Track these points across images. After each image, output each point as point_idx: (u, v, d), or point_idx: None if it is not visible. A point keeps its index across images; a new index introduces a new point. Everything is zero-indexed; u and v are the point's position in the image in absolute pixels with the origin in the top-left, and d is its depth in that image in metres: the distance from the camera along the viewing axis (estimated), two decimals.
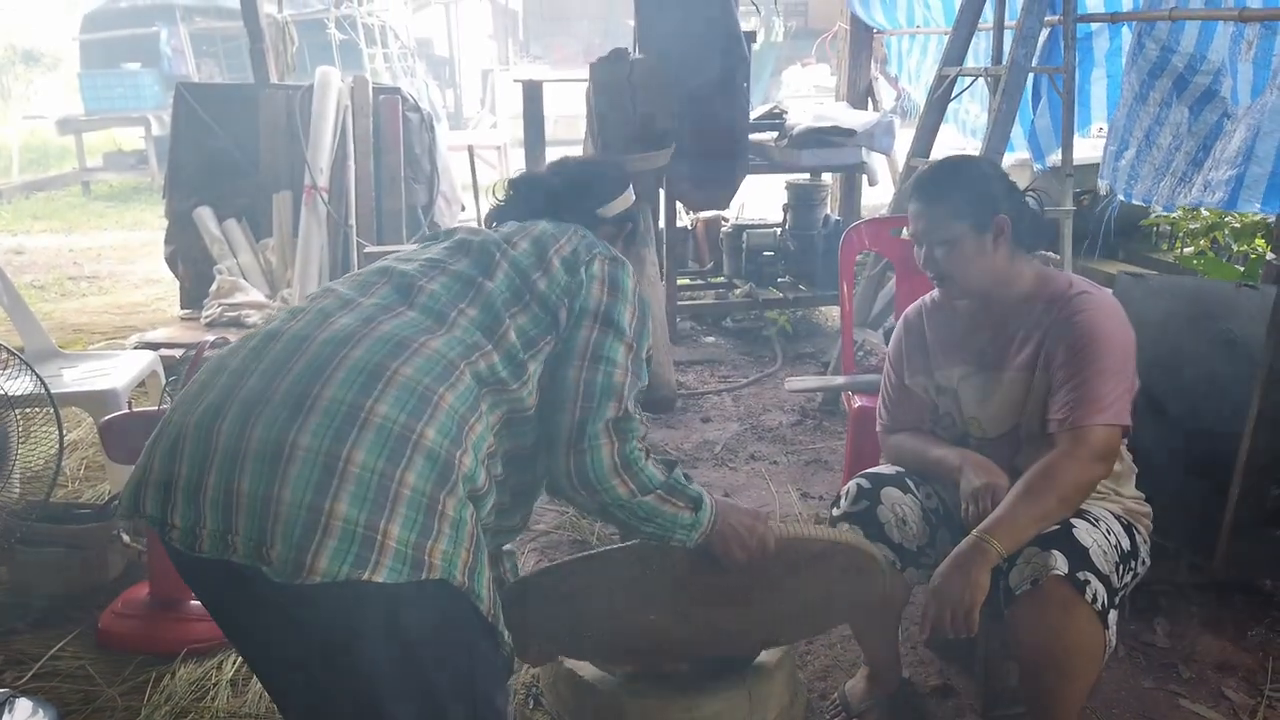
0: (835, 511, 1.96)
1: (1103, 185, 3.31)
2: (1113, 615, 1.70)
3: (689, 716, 1.76)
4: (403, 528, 1.19)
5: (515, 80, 4.27)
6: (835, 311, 5.18)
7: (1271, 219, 3.68)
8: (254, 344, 1.33)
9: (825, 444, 3.64)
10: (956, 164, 2.01)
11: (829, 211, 5.15)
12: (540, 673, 2.02)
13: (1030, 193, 1.95)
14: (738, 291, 5.08)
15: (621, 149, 2.07)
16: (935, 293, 2.07)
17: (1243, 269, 3.59)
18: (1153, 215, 4.16)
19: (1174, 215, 4.03)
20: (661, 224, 4.35)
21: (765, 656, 1.89)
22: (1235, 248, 3.90)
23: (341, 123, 5.10)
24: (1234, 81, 2.77)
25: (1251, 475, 2.43)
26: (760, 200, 6.08)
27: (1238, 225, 3.76)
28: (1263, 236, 3.80)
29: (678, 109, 1.96)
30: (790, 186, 5.04)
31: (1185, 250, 4.13)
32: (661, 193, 4.21)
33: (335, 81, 5.12)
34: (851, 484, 1.97)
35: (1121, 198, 3.34)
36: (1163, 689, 2.15)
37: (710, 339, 5.02)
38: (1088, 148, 4.28)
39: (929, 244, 1.89)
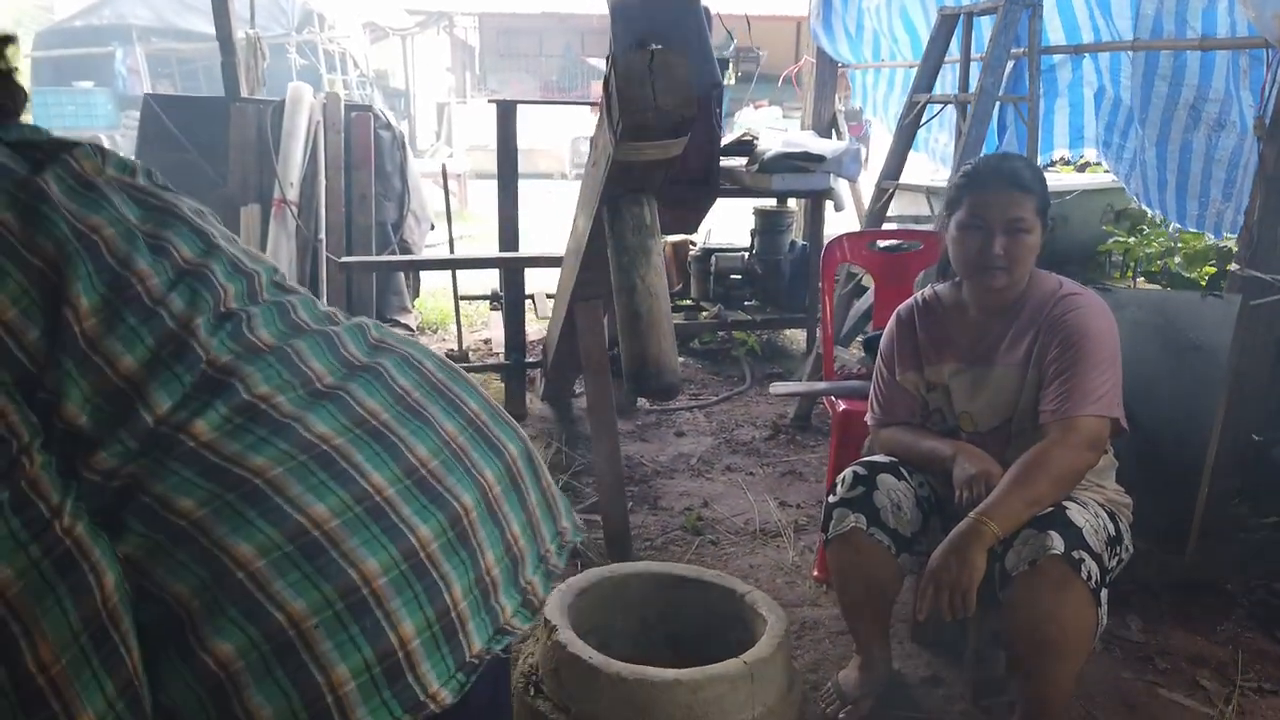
0: (832, 499, 2.00)
1: (1156, 215, 3.43)
2: (1104, 594, 1.76)
3: (694, 698, 1.77)
4: None
5: (490, 100, 4.30)
6: (801, 335, 5.27)
7: (1220, 244, 3.86)
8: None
9: (799, 457, 3.69)
10: (1021, 157, 2.08)
11: (795, 237, 5.25)
12: (540, 660, 2.01)
13: None
14: (705, 314, 5.14)
15: (639, 136, 2.11)
16: (927, 291, 2.14)
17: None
18: (1110, 241, 4.32)
19: (1130, 242, 4.18)
20: None
21: (763, 642, 1.91)
22: (1186, 275, 4.06)
23: (313, 138, 5.09)
24: (1240, 107, 2.88)
25: (1218, 479, 2.53)
26: (727, 225, 6.18)
27: (1190, 252, 3.93)
28: (1212, 264, 3.97)
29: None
30: (758, 212, 5.14)
31: (1139, 279, 4.29)
32: None
33: (307, 97, 5.12)
34: (848, 471, 2.02)
35: (1177, 225, 3.44)
36: (1141, 679, 2.22)
37: (680, 359, 5.05)
38: (1049, 178, 4.44)
39: (1002, 230, 1.88)
